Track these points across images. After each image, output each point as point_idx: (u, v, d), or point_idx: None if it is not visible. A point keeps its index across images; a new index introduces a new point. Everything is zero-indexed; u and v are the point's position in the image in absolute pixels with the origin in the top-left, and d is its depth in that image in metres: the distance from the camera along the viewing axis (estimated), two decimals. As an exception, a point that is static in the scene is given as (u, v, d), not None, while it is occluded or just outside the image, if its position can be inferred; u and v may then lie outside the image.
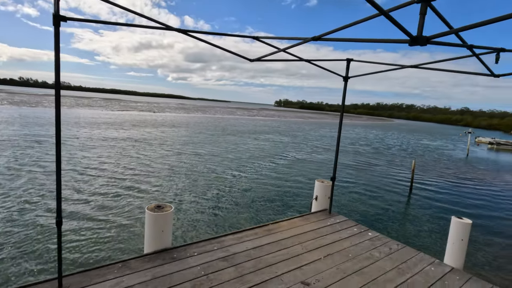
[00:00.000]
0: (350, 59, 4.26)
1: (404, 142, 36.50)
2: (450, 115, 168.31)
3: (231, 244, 3.56)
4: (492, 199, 12.26)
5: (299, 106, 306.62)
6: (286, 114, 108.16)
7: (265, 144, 24.09)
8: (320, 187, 5.02)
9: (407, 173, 16.11)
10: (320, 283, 2.92)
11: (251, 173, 13.32)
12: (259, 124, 47.09)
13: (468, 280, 3.19)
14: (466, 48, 2.37)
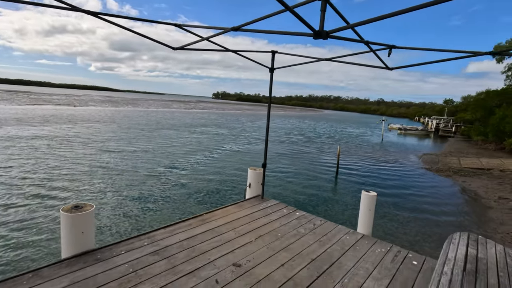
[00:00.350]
0: (274, 51, 4.48)
1: (332, 131, 40.10)
2: (370, 106, 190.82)
3: (163, 238, 3.49)
4: (400, 176, 14.46)
5: (236, 98, 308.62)
6: (224, 106, 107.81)
7: (203, 137, 23.73)
8: (253, 175, 5.23)
9: (334, 158, 17.82)
10: (250, 263, 3.09)
11: (187, 168, 13.03)
12: (197, 117, 46.01)
13: (374, 243, 3.76)
14: (364, 43, 2.75)
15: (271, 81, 4.71)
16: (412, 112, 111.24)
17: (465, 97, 43.44)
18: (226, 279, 2.78)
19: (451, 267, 2.14)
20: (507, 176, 14.36)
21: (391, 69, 3.49)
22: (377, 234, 7.00)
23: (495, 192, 11.58)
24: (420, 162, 18.63)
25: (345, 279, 2.91)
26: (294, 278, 2.88)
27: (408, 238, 7.31)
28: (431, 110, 79.35)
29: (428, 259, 3.43)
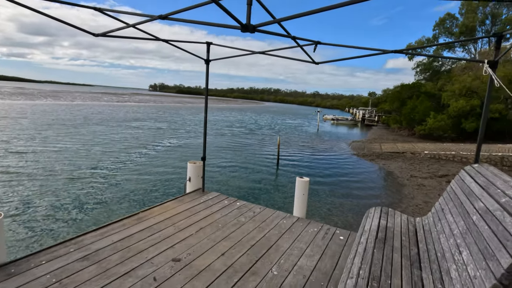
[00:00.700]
0: (209, 43, 4.43)
1: (273, 122, 41.56)
2: (307, 98, 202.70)
3: (93, 242, 3.22)
4: (333, 162, 15.83)
5: (176, 90, 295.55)
6: (162, 99, 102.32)
7: (140, 132, 22.25)
8: (193, 168, 5.15)
9: (275, 149, 18.56)
10: (190, 256, 3.08)
11: (122, 166, 12.12)
12: (132, 111, 42.76)
13: (308, 224, 4.10)
14: (291, 38, 2.92)
15: (207, 73, 4.66)
16: (343, 103, 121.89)
17: (385, 90, 49.37)
18: (165, 275, 2.73)
19: (366, 237, 2.48)
20: (417, 158, 16.94)
21: (317, 63, 3.78)
22: (313, 217, 7.61)
23: (407, 172, 13.57)
24: (349, 149, 20.66)
25: (281, 260, 3.12)
26: (234, 265, 2.97)
27: (340, 217, 8.11)
28: (358, 101, 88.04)
29: (352, 233, 3.88)
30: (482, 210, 1.91)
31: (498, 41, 2.95)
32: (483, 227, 1.77)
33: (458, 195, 2.48)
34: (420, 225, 2.83)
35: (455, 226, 2.16)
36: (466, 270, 1.67)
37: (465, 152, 16.79)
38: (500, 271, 1.39)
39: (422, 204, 9.12)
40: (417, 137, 27.10)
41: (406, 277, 1.97)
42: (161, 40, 3.63)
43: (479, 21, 29.18)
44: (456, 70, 29.06)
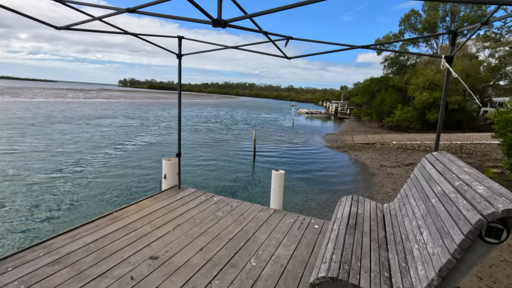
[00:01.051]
0: (181, 37, 4.34)
1: (249, 117, 41.59)
2: (281, 92, 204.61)
3: (64, 245, 3.10)
4: (309, 155, 16.22)
5: (148, 86, 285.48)
6: (133, 95, 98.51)
7: (110, 130, 21.34)
8: (168, 165, 5.07)
9: (251, 143, 18.64)
10: (168, 253, 3.07)
11: (94, 166, 11.61)
12: (101, 108, 40.80)
13: (284, 216, 4.21)
14: (262, 33, 2.96)
15: (180, 67, 4.58)
16: (316, 97, 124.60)
17: (356, 83, 51.18)
18: (143, 273, 2.70)
19: (338, 224, 2.62)
20: (386, 148, 17.83)
21: (290, 58, 3.85)
22: (289, 208, 7.80)
23: (377, 162, 14.26)
24: (324, 142, 21.26)
25: (259, 251, 3.20)
26: (213, 259, 3.01)
27: (315, 207, 8.39)
28: (331, 95, 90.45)
29: (326, 222, 4.05)
30: (440, 193, 2.09)
31: (453, 38, 3.19)
32: (440, 208, 1.95)
33: (420, 181, 2.68)
34: (387, 211, 3.02)
35: (417, 210, 2.34)
36: (426, 249, 1.84)
37: (428, 142, 17.92)
38: (453, 247, 1.55)
39: (391, 192, 9.66)
40: (386, 128, 28.44)
41: (374, 259, 2.12)
42: (131, 34, 3.51)
43: (440, 18, 30.99)
44: (420, 64, 30.73)
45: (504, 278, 4.71)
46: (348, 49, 3.68)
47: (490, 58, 27.41)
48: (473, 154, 15.47)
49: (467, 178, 1.96)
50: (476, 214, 1.51)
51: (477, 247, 1.52)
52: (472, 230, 1.48)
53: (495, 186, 1.73)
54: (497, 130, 8.53)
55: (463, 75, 23.01)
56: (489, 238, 1.48)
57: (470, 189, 1.77)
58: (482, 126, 26.01)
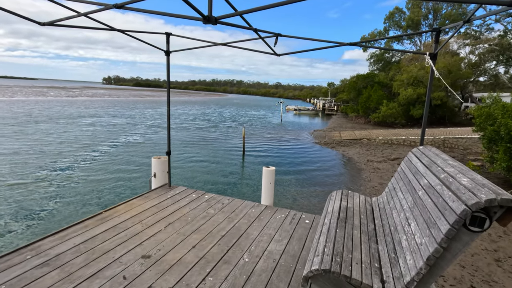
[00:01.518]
0: (169, 33, 4.29)
1: (237, 114, 41.48)
2: (269, 89, 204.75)
3: (52, 246, 3.03)
4: (298, 151, 16.36)
5: (134, 83, 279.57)
6: (119, 93, 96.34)
7: (95, 129, 20.84)
8: (157, 163, 5.02)
9: (240, 141, 18.62)
10: (161, 251, 3.05)
11: (79, 167, 11.34)
12: (85, 106, 39.74)
13: (275, 211, 4.26)
14: (253, 30, 2.96)
15: (168, 65, 4.53)
16: (304, 94, 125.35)
17: (342, 80, 51.85)
18: (135, 272, 2.68)
19: (329, 218, 2.67)
20: (372, 144, 18.19)
21: (279, 55, 3.88)
22: (280, 204, 7.87)
23: (364, 157, 14.54)
24: (312, 138, 21.47)
25: (251, 247, 3.23)
26: (206, 256, 3.01)
27: (305, 202, 8.50)
28: (318, 92, 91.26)
29: (317, 216, 4.12)
30: (426, 186, 2.17)
31: (437, 35, 3.29)
32: (427, 200, 2.02)
33: (407, 174, 2.76)
34: (376, 204, 3.11)
35: (404, 202, 2.42)
36: (414, 239, 1.91)
37: (413, 137, 18.41)
38: (440, 236, 1.62)
39: (378, 186, 9.89)
40: (372, 124, 29.00)
41: (365, 250, 2.18)
42: (118, 31, 3.44)
43: (423, 16, 31.74)
44: (404, 61, 31.42)
45: (485, 266, 4.94)
46: (336, 46, 3.73)
47: (470, 55, 28.34)
48: (455, 148, 16.02)
49: (452, 171, 2.04)
50: (461, 204, 1.58)
51: (462, 236, 1.59)
52: (457, 220, 1.55)
53: (478, 178, 1.81)
54: (477, 124, 8.86)
55: (445, 72, 23.71)
56: (473, 227, 1.55)
57: (455, 181, 1.85)
58: (464, 121, 26.91)
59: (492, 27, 27.57)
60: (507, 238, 5.91)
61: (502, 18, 23.22)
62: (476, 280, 4.53)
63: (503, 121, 7.50)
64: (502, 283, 4.46)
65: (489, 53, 26.25)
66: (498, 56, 25.78)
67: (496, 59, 26.41)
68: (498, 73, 26.56)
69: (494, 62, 27.04)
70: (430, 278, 1.70)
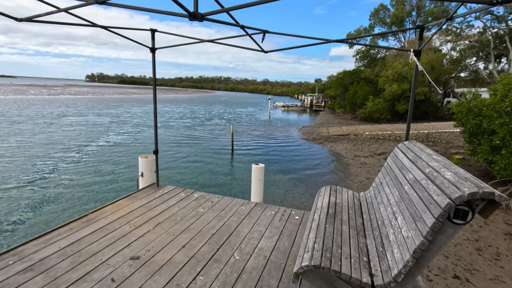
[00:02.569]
0: (154, 30, 4.20)
1: (226, 112, 41.27)
2: (257, 86, 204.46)
3: (36, 251, 2.94)
4: (286, 148, 16.44)
5: (118, 81, 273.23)
6: (103, 91, 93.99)
7: (79, 129, 20.29)
8: (145, 163, 4.94)
9: (229, 138, 18.55)
10: (150, 252, 3.01)
11: (62, 168, 11.03)
12: (67, 104, 38.56)
13: (265, 208, 4.27)
14: (239, 27, 2.94)
15: (154, 61, 4.44)
16: (292, 90, 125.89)
17: (329, 76, 52.38)
18: (124, 274, 2.63)
19: (319, 214, 2.70)
20: (359, 139, 18.50)
21: (266, 52, 3.86)
22: (270, 201, 7.90)
23: (352, 152, 14.77)
24: (300, 134, 21.63)
25: (242, 244, 3.23)
26: (196, 255, 2.99)
27: (294, 199, 8.57)
28: (306, 88, 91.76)
29: (306, 212, 4.16)
30: (412, 180, 2.22)
31: (421, 32, 3.36)
32: (412, 194, 2.07)
33: (393, 169, 2.82)
34: (363, 199, 3.16)
35: (391, 196, 2.48)
36: (400, 233, 1.95)
37: (398, 132, 18.83)
38: (426, 229, 1.66)
39: (365, 180, 10.08)
40: (359, 120, 29.46)
41: (353, 245, 2.22)
42: (100, 27, 3.33)
43: (407, 13, 32.36)
44: (389, 57, 32.00)
45: (467, 255, 5.13)
46: (323, 43, 3.75)
47: (452, 52, 29.15)
48: (439, 142, 16.50)
49: (436, 165, 2.10)
50: (445, 198, 1.63)
51: (446, 229, 1.64)
52: (442, 213, 1.60)
53: (460, 172, 1.87)
54: (458, 119, 9.15)
55: (428, 68, 24.31)
56: (457, 220, 1.60)
57: (439, 175, 1.90)
58: (446, 115, 27.72)
59: (472, 24, 28.45)
60: (487, 228, 6.16)
61: (482, 16, 23.97)
62: (459, 269, 4.71)
63: (488, 113, 7.72)
64: (483, 271, 4.65)
65: (469, 49, 27.08)
66: (478, 52, 26.64)
67: (476, 55, 27.29)
68: (478, 68, 27.46)
69: (474, 58, 27.93)
70: (416, 270, 1.74)
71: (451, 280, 4.43)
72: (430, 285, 4.28)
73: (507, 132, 6.98)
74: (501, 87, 7.68)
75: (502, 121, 7.10)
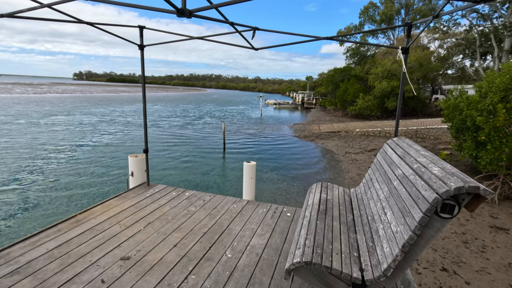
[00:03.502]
0: (142, 26, 4.12)
1: (217, 110, 41.06)
2: (248, 83, 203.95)
3: (23, 253, 2.87)
4: (278, 145, 16.48)
5: (107, 78, 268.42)
6: (91, 89, 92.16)
7: (66, 128, 19.87)
8: (135, 162, 4.87)
9: (220, 136, 18.47)
10: (141, 252, 2.98)
11: (48, 169, 10.79)
12: (54, 103, 37.69)
13: (257, 206, 4.28)
14: (229, 24, 2.91)
15: (142, 59, 4.37)
16: (283, 88, 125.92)
17: (320, 74, 52.68)
18: (114, 275, 2.60)
19: (310, 210, 2.72)
20: (350, 136, 18.69)
21: (257, 49, 3.85)
22: (262, 198, 7.92)
23: (343, 149, 14.92)
24: (292, 132, 21.71)
25: (234, 242, 3.23)
26: (188, 254, 2.98)
27: (286, 196, 8.61)
28: (297, 85, 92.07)
29: (298, 209, 4.19)
30: (401, 176, 2.25)
31: (409, 30, 3.40)
32: (401, 190, 2.10)
33: (383, 165, 2.86)
34: (354, 195, 3.20)
35: (381, 192, 2.51)
36: (390, 228, 1.98)
37: (388, 128, 19.10)
38: (414, 224, 1.69)
39: (356, 177, 10.21)
40: (349, 117, 29.75)
41: (344, 241, 2.25)
42: (86, 23, 3.25)
43: (396, 10, 32.75)
44: (379, 55, 32.36)
45: (455, 248, 5.26)
46: (314, 40, 3.76)
47: (439, 49, 29.66)
48: (427, 138, 16.82)
49: (424, 161, 2.13)
50: (432, 193, 1.66)
51: (434, 223, 1.67)
52: (429, 208, 1.62)
53: (447, 167, 1.90)
54: (445, 115, 9.34)
55: (416, 65, 24.69)
56: (444, 214, 1.63)
57: (427, 171, 1.93)
58: (434, 112, 28.26)
59: (459, 22, 29.00)
60: (473, 221, 6.32)
61: (468, 14, 24.45)
62: (446, 261, 4.82)
63: (468, 113, 7.94)
64: (470, 263, 4.78)
65: (456, 47, 27.61)
66: (464, 50, 27.18)
67: (463, 53, 27.84)
68: (465, 66, 28.03)
69: (460, 56, 28.50)
70: (405, 264, 1.78)
71: (439, 272, 4.54)
72: (419, 278, 4.38)
73: (492, 128, 7.15)
74: (486, 84, 7.86)
75: (483, 119, 7.28)
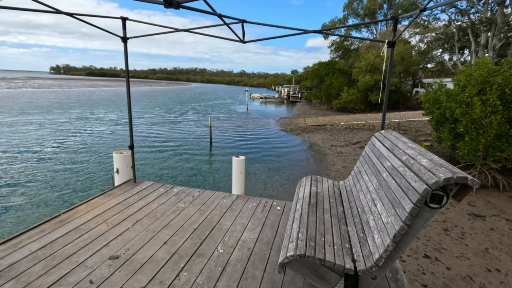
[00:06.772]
0: (125, 18, 3.97)
1: (203, 104, 40.55)
2: (234, 77, 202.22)
3: (4, 256, 2.74)
4: (265, 140, 16.51)
5: (87, 72, 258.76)
6: (70, 83, 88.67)
7: (44, 126, 19.06)
8: (120, 159, 4.73)
9: (207, 130, 18.29)
10: (130, 250, 2.91)
11: (26, 170, 10.35)
12: (29, 99, 36.02)
13: (247, 200, 4.27)
14: (217, 16, 2.84)
15: (126, 52, 4.21)
16: (269, 82, 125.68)
17: (305, 67, 52.95)
18: (103, 275, 2.53)
19: (301, 204, 2.74)
20: (335, 129, 18.97)
21: (245, 42, 3.79)
22: (251, 193, 7.93)
23: (328, 142, 15.14)
24: (278, 126, 21.79)
25: (225, 238, 3.22)
26: (179, 251, 2.94)
27: (275, 190, 8.66)
28: (283, 79, 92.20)
29: (288, 203, 4.22)
30: (390, 168, 2.30)
31: (395, 24, 3.44)
32: (391, 181, 2.15)
33: (371, 157, 2.91)
34: (343, 187, 3.25)
35: (370, 184, 2.56)
36: (380, 219, 2.03)
37: (372, 121, 19.52)
38: (404, 215, 1.73)
39: (342, 169, 10.40)
40: (334, 110, 30.15)
41: (336, 233, 2.28)
42: (64, 14, 3.09)
43: (379, 5, 33.20)
44: (362, 49, 32.81)
45: (436, 235, 5.48)
46: (301, 33, 3.74)
47: (420, 43, 30.42)
48: (409, 130, 17.32)
49: (412, 153, 2.18)
50: (422, 184, 1.70)
51: (423, 213, 1.72)
52: (419, 199, 1.67)
53: (435, 159, 1.96)
54: (426, 108, 9.64)
55: (398, 59, 25.24)
56: (433, 204, 1.68)
57: (416, 162, 1.98)
58: (415, 105, 29.09)
59: (439, 17, 29.79)
60: (453, 210, 6.60)
61: (447, 9, 25.12)
62: (428, 249, 5.02)
63: (448, 105, 8.22)
64: (450, 250, 5.00)
65: (435, 41, 28.40)
66: (443, 44, 28.01)
67: (442, 47, 28.68)
68: (444, 60, 28.92)
69: (440, 50, 29.36)
70: (396, 254, 1.82)
71: (422, 259, 4.73)
72: (404, 266, 4.54)
73: (469, 120, 7.44)
74: (463, 78, 8.15)
75: (462, 110, 7.56)
